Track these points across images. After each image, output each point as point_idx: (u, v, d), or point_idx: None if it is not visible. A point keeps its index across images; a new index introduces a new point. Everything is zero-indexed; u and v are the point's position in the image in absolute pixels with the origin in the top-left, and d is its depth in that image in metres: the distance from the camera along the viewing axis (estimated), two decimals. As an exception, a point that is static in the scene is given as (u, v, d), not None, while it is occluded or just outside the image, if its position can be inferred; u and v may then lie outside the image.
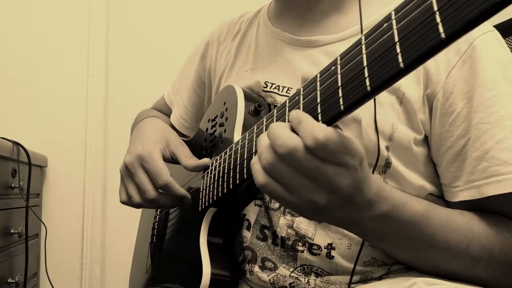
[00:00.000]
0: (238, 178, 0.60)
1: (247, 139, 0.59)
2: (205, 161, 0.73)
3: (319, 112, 0.44)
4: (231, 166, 0.62)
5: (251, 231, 0.71)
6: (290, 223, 0.68)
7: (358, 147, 0.44)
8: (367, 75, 0.38)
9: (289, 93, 0.73)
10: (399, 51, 0.35)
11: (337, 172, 0.44)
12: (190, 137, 0.92)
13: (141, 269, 0.96)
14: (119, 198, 0.77)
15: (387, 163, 0.65)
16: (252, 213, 0.72)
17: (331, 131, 0.42)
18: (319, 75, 0.46)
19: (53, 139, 1.86)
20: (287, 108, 0.50)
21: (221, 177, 0.65)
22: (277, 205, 0.70)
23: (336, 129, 0.43)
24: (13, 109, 1.85)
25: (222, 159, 0.67)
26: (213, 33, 0.94)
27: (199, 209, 0.72)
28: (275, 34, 0.79)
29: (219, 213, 0.71)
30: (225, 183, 0.63)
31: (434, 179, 0.68)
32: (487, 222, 0.60)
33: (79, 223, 1.85)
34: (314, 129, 0.42)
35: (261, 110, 0.71)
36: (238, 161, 0.60)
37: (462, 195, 0.63)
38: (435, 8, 0.32)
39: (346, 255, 0.66)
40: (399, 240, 0.57)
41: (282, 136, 0.44)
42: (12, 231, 1.38)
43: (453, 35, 0.31)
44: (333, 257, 0.66)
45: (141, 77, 1.90)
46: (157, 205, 0.75)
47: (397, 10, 0.36)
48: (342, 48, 0.43)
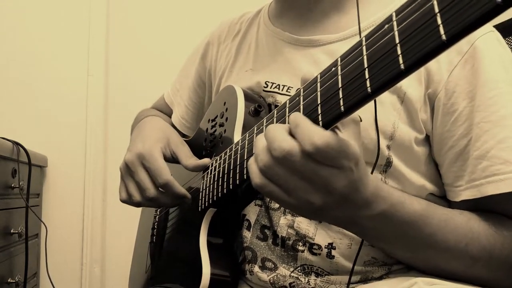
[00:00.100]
0: (238, 178, 0.60)
1: (247, 140, 0.59)
2: (205, 161, 0.73)
3: (320, 113, 0.44)
4: (231, 166, 0.62)
5: (251, 231, 0.71)
6: (290, 223, 0.68)
7: (355, 150, 0.44)
8: (367, 77, 0.38)
9: (290, 91, 0.73)
10: (400, 53, 0.35)
11: (332, 173, 0.44)
12: (190, 137, 0.92)
13: (141, 269, 0.96)
14: (119, 196, 0.77)
15: (388, 163, 0.65)
16: (252, 213, 0.72)
17: (329, 136, 0.42)
18: (319, 76, 0.46)
19: (53, 139, 1.86)
20: (287, 109, 0.50)
21: (221, 178, 0.65)
22: (278, 205, 0.70)
23: (334, 133, 0.43)
24: (13, 109, 1.85)
25: (222, 160, 0.67)
26: (214, 33, 0.94)
27: (199, 209, 0.72)
28: (275, 34, 0.79)
29: (219, 213, 0.71)
30: (225, 184, 0.63)
31: (435, 179, 0.68)
32: (487, 222, 0.60)
33: (79, 223, 1.85)
34: (312, 134, 0.42)
35: (261, 110, 0.71)
36: (238, 162, 0.60)
37: (463, 194, 0.63)
38: (436, 10, 0.32)
39: (346, 255, 0.66)
40: (398, 239, 0.57)
41: (278, 138, 0.44)
42: (12, 231, 1.38)
43: (454, 37, 0.31)
44: (334, 257, 0.66)
45: (141, 77, 1.89)
46: (157, 204, 0.75)
47: (398, 11, 0.36)
48: (342, 47, 0.43)
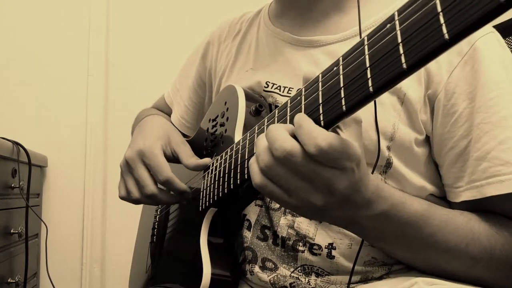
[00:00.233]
0: (238, 178, 0.60)
1: (248, 139, 0.59)
2: (206, 161, 0.73)
3: (321, 112, 0.44)
4: (232, 166, 0.62)
5: (252, 231, 0.71)
6: (290, 223, 0.68)
7: (356, 151, 0.44)
8: (369, 76, 0.38)
9: (290, 93, 0.72)
10: (402, 52, 0.35)
11: (334, 174, 0.44)
12: (190, 137, 0.92)
13: (141, 269, 0.96)
14: (118, 193, 0.77)
15: (388, 163, 0.65)
16: (252, 213, 0.72)
17: (332, 137, 0.42)
18: (321, 76, 0.46)
19: (53, 139, 1.86)
20: (289, 108, 0.50)
21: (221, 177, 0.65)
22: (278, 205, 0.70)
23: (336, 134, 0.43)
24: (13, 109, 1.85)
25: (222, 159, 0.67)
26: (214, 33, 0.93)
27: (200, 209, 0.72)
28: (275, 34, 0.79)
29: (220, 213, 0.70)
30: (226, 183, 0.63)
31: (435, 180, 0.68)
32: (487, 222, 0.60)
33: (79, 223, 1.85)
34: (315, 135, 0.42)
35: (262, 110, 0.71)
36: (239, 161, 0.60)
37: (464, 195, 0.63)
38: (439, 9, 0.32)
39: (347, 255, 0.65)
40: (399, 239, 0.57)
41: (279, 138, 0.44)
42: (12, 231, 1.38)
43: (457, 36, 0.31)
44: (334, 257, 0.66)
45: (141, 77, 1.89)
46: (156, 201, 0.75)
47: (400, 10, 0.36)
48: (343, 48, 0.43)
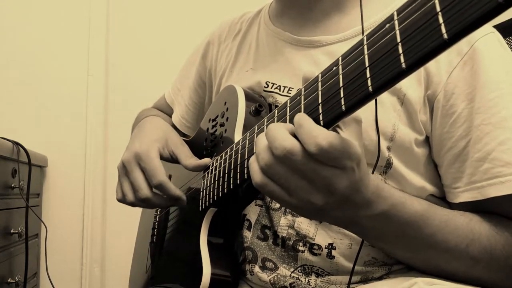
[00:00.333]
0: (238, 178, 0.60)
1: (247, 139, 0.59)
2: (206, 161, 0.73)
3: (321, 112, 0.44)
4: (232, 166, 0.62)
5: (252, 231, 0.71)
6: (291, 223, 0.68)
7: (357, 150, 0.44)
8: (369, 76, 0.38)
9: (290, 93, 0.72)
10: (401, 52, 0.35)
11: (334, 174, 0.44)
12: (190, 137, 0.92)
13: (141, 269, 0.96)
14: (116, 195, 0.77)
15: (388, 164, 0.65)
16: (252, 213, 0.72)
17: (333, 136, 0.42)
18: (320, 76, 0.46)
19: (53, 139, 1.86)
20: (288, 108, 0.50)
21: (221, 177, 0.65)
22: (278, 205, 0.70)
23: (337, 133, 0.43)
24: (13, 109, 1.85)
25: (222, 159, 0.67)
26: (214, 32, 0.93)
27: (200, 209, 0.72)
28: (276, 34, 0.79)
29: (220, 213, 0.70)
30: (226, 183, 0.63)
31: (435, 180, 0.67)
32: (488, 223, 0.60)
33: (79, 223, 1.85)
34: (316, 134, 0.42)
35: (262, 110, 0.71)
36: (238, 161, 0.60)
37: (463, 196, 0.62)
38: (438, 8, 0.32)
39: (347, 255, 0.65)
40: (399, 239, 0.57)
41: (279, 137, 0.44)
42: (12, 231, 1.38)
43: (456, 35, 0.31)
44: (334, 257, 0.66)
45: (141, 77, 1.89)
46: (150, 204, 0.74)
47: (400, 10, 0.36)
48: (343, 48, 0.43)
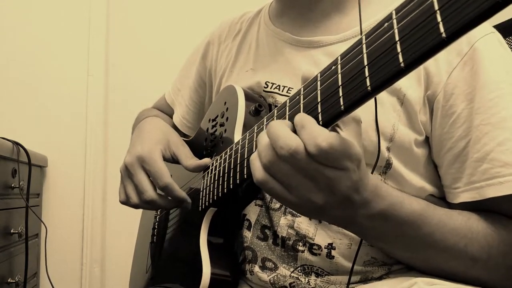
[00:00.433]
0: (238, 177, 0.60)
1: (247, 139, 0.59)
2: (206, 161, 0.73)
3: (319, 111, 0.44)
4: (232, 165, 0.62)
5: (252, 231, 0.71)
6: (290, 223, 0.68)
7: (357, 150, 0.44)
8: (367, 75, 0.38)
9: (290, 93, 0.72)
10: (399, 51, 0.35)
11: (336, 175, 0.44)
12: (190, 137, 0.92)
13: (141, 269, 0.96)
14: (119, 197, 0.78)
15: (388, 164, 0.65)
16: (252, 213, 0.72)
17: (333, 137, 0.42)
18: (319, 75, 0.46)
19: (53, 139, 1.86)
20: (287, 107, 0.50)
21: (221, 177, 0.65)
22: (278, 205, 0.70)
23: (337, 134, 0.43)
24: (13, 109, 1.85)
25: (222, 159, 0.67)
26: (214, 32, 0.93)
27: (200, 209, 0.72)
28: (276, 34, 0.79)
29: (220, 213, 0.71)
30: (226, 183, 0.63)
31: (434, 180, 0.67)
32: (486, 221, 0.60)
33: (79, 223, 1.85)
34: (317, 135, 0.42)
35: (261, 110, 0.71)
36: (238, 161, 0.60)
37: (462, 196, 0.62)
38: (436, 7, 0.32)
39: (346, 255, 0.65)
40: (397, 239, 0.57)
41: (282, 136, 0.44)
42: (12, 231, 1.38)
43: (453, 34, 0.31)
44: (334, 257, 0.66)
45: (141, 77, 1.89)
46: (155, 206, 0.75)
47: (398, 9, 0.36)
48: (343, 49, 0.43)
